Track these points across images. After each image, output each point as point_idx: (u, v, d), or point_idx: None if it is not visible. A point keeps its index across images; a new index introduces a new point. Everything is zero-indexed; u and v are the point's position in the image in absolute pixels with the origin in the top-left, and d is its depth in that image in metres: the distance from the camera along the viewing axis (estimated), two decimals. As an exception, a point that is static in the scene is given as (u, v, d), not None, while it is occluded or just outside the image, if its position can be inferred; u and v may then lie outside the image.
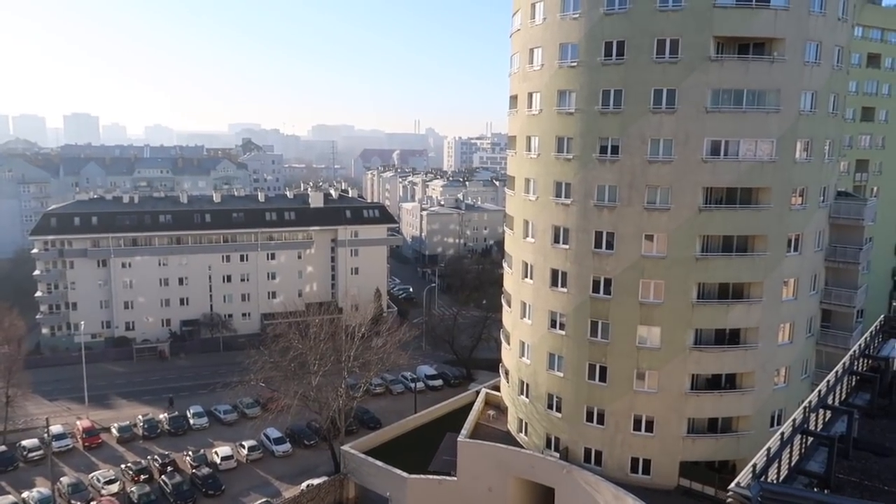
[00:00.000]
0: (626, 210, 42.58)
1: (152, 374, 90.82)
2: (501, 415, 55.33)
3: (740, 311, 43.02)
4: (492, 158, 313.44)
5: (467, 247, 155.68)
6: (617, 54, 41.68)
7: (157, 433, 71.40)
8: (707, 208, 41.61)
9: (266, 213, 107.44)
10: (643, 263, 42.61)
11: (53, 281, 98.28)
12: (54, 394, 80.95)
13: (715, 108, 40.61)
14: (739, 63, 40.66)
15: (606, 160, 42.80)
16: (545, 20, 44.97)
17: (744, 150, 41.20)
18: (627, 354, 43.75)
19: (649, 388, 43.67)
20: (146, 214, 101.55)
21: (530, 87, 47.12)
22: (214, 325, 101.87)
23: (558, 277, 45.95)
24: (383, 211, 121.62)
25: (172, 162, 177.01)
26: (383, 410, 74.37)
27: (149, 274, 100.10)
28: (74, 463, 64.90)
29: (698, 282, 42.45)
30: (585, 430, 45.79)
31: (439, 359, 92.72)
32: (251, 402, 75.01)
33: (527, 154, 48.02)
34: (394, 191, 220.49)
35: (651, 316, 42.96)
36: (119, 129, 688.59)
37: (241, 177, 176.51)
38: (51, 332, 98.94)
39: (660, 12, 40.34)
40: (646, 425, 44.20)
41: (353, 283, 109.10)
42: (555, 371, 46.93)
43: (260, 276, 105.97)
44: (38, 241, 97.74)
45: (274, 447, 66.83)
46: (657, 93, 41.02)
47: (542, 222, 46.70)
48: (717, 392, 43.98)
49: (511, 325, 51.91)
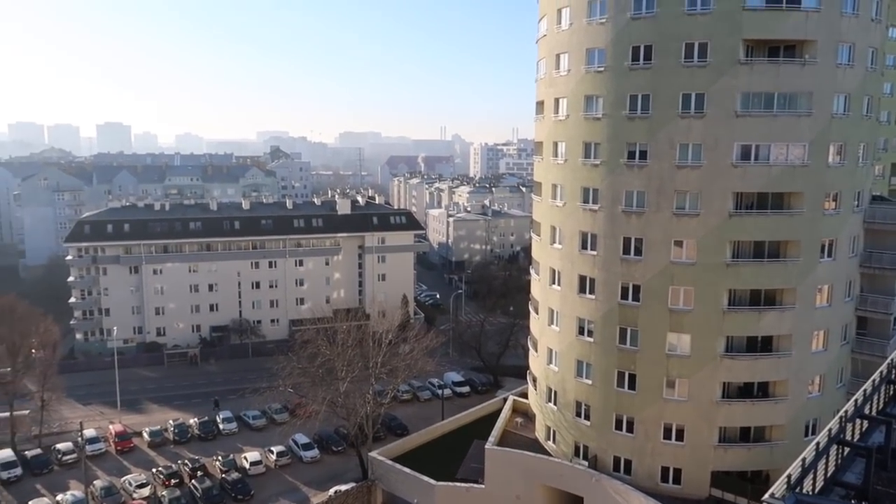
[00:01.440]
0: (655, 216, 42.15)
1: (183, 379, 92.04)
2: (529, 422, 55.02)
3: (772, 318, 42.26)
4: (518, 164, 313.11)
5: (494, 253, 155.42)
6: (644, 59, 41.37)
7: (188, 438, 72.30)
8: (737, 213, 41.01)
9: (294, 220, 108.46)
10: (672, 270, 42.11)
11: (87, 287, 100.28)
12: (88, 398, 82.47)
13: (745, 112, 40.05)
14: (770, 66, 40.07)
15: (634, 165, 42.46)
16: (571, 25, 44.82)
17: (775, 155, 40.56)
18: (657, 362, 43.21)
19: (679, 397, 43.07)
20: (177, 221, 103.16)
21: (557, 93, 46.96)
22: (243, 331, 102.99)
23: (586, 284, 45.63)
24: (410, 217, 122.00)
25: (202, 170, 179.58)
26: (411, 417, 74.41)
27: (179, 280, 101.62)
28: (107, 466, 65.98)
29: (729, 288, 41.81)
30: (614, 438, 45.30)
31: (466, 365, 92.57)
32: (280, 407, 75.62)
33: (554, 160, 47.83)
34: (420, 197, 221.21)
35: (681, 323, 42.42)
36: (150, 137, 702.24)
37: (270, 184, 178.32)
38: (84, 337, 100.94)
39: (688, 16, 39.96)
40: (676, 434, 43.59)
41: (380, 289, 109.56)
42: (583, 378, 46.55)
43: (288, 282, 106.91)
44: (72, 248, 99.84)
45: (302, 453, 67.24)
46: (685, 97, 40.60)
47: (570, 228, 46.44)
48: (750, 400, 43.21)
49: (538, 331, 51.63)
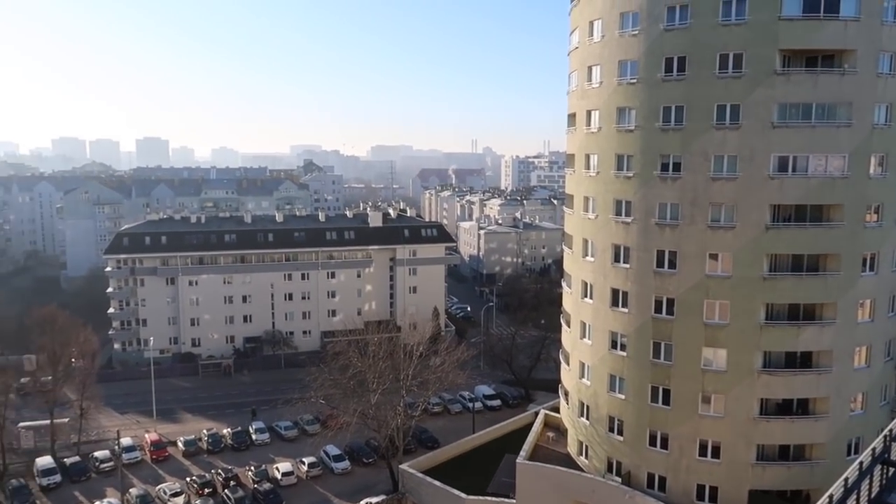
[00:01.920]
0: (689, 228, 41.57)
1: (216, 389, 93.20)
2: (561, 437, 54.44)
3: (812, 333, 41.24)
4: (549, 177, 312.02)
5: (525, 266, 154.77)
6: (678, 70, 41.00)
7: (221, 447, 73.07)
8: (775, 226, 40.23)
9: (326, 233, 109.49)
10: (707, 283, 41.43)
11: (125, 298, 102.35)
12: (124, 407, 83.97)
13: (782, 123, 39.37)
14: (808, 76, 39.38)
15: (668, 177, 41.99)
16: (603, 37, 44.67)
17: (813, 166, 39.75)
18: (692, 377, 42.46)
19: (715, 413, 42.21)
20: (212, 234, 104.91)
21: (589, 105, 46.77)
22: (276, 343, 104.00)
23: (619, 297, 45.12)
24: (441, 230, 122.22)
25: (237, 183, 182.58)
26: (441, 430, 74.18)
27: (214, 292, 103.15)
28: (142, 475, 66.99)
29: (766, 302, 40.95)
30: (648, 454, 44.54)
31: (497, 379, 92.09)
32: (311, 418, 76.04)
33: (586, 172, 47.56)
34: (451, 210, 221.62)
35: (716, 337, 41.65)
36: (187, 151, 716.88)
37: (303, 197, 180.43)
38: (122, 347, 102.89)
39: (722, 26, 39.54)
40: (712, 451, 42.68)
41: (411, 301, 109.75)
42: (616, 393, 45.94)
43: (320, 294, 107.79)
44: (111, 260, 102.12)
45: (333, 464, 67.44)
46: (720, 108, 40.08)
47: (602, 241, 46.05)
48: (789, 418, 42.14)
49: (570, 345, 51.17)
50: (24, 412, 75.52)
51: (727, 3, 39.35)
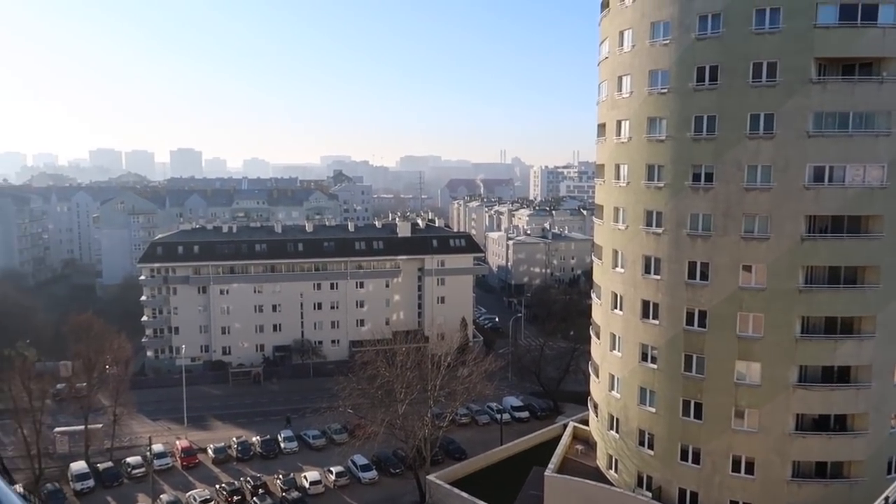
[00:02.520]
0: (722, 239, 40.95)
1: (246, 397, 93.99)
2: (590, 450, 53.77)
3: (850, 347, 40.23)
4: (579, 187, 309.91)
5: (554, 276, 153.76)
6: (710, 79, 40.55)
7: (250, 455, 73.55)
8: (810, 237, 39.43)
9: (355, 243, 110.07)
10: (741, 295, 40.70)
11: (158, 306, 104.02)
12: (156, 414, 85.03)
13: (818, 133, 38.66)
14: (844, 85, 38.66)
15: (700, 188, 41.45)
16: (634, 47, 44.38)
17: (850, 176, 38.91)
18: (724, 391, 41.67)
19: (749, 427, 41.35)
20: (243, 243, 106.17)
21: (619, 115, 46.44)
22: (305, 352, 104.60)
23: (649, 309, 44.56)
24: (469, 240, 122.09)
25: (268, 193, 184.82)
26: (469, 441, 73.76)
27: (245, 300, 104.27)
28: (173, 481, 67.70)
29: (802, 315, 40.10)
30: (679, 469, 43.76)
31: (526, 390, 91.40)
32: (339, 427, 76.22)
33: (616, 182, 47.17)
34: (480, 220, 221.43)
35: (750, 351, 40.85)
36: (220, 162, 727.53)
37: (332, 207, 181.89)
38: (155, 354, 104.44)
39: (756, 35, 39.02)
40: (746, 467, 41.79)
41: (439, 311, 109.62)
42: (646, 406, 45.27)
43: (349, 303, 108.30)
44: (145, 269, 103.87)
45: (360, 474, 67.43)
46: (754, 118, 39.52)
47: (632, 252, 45.56)
48: (826, 434, 41.10)
49: (600, 357, 50.61)
50: (60, 417, 77.03)
51: (761, 12, 38.88)
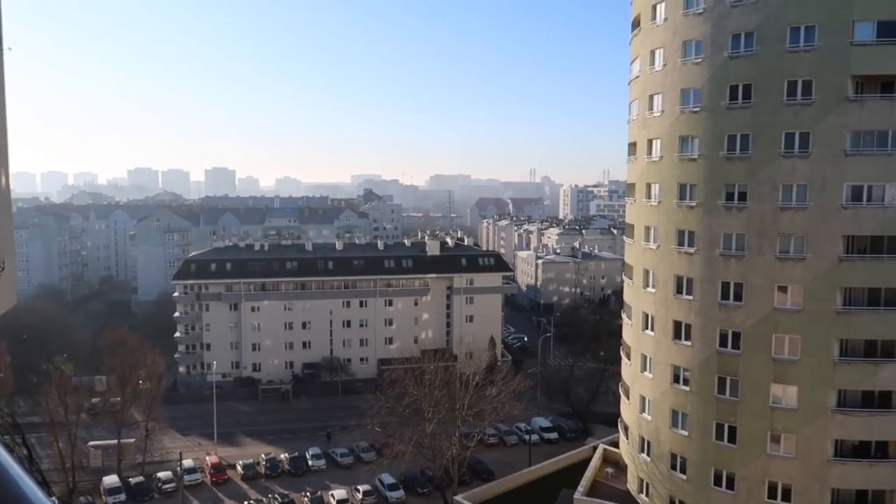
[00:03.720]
0: (756, 260, 40.23)
1: (275, 414, 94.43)
2: (620, 473, 52.82)
3: (891, 371, 38.99)
4: (609, 206, 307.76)
5: (584, 296, 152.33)
6: (743, 98, 40.12)
7: (278, 472, 73.69)
8: (848, 258, 38.53)
9: (385, 261, 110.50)
10: (776, 317, 39.85)
11: (191, 322, 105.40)
12: (187, 429, 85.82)
13: (855, 151, 37.92)
14: (883, 103, 37.90)
15: (733, 207, 40.86)
16: (665, 66, 44.17)
17: (890, 196, 38.00)
18: (760, 414, 40.69)
19: (785, 453, 40.25)
20: (274, 261, 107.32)
21: (650, 134, 46.15)
22: (334, 369, 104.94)
23: (681, 330, 43.85)
24: (498, 259, 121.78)
25: (299, 212, 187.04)
26: (497, 462, 72.98)
27: (275, 318, 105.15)
28: (202, 497, 68.14)
29: (840, 338, 39.07)
30: (713, 494, 42.71)
31: (554, 411, 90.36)
32: (367, 446, 76.06)
33: (647, 202, 46.75)
34: (509, 239, 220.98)
35: (786, 374, 39.89)
36: (252, 181, 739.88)
37: (362, 225, 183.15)
38: (187, 370, 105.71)
39: (790, 53, 38.57)
40: (782, 494, 40.61)
41: (467, 330, 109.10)
42: (678, 429, 44.39)
43: (378, 321, 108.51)
44: (178, 285, 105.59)
45: (388, 493, 67.08)
46: (788, 136, 38.94)
47: (664, 272, 44.98)
48: (867, 461, 39.78)
49: (630, 378, 49.87)
50: (94, 431, 78.18)
51: (795, 30, 38.45)
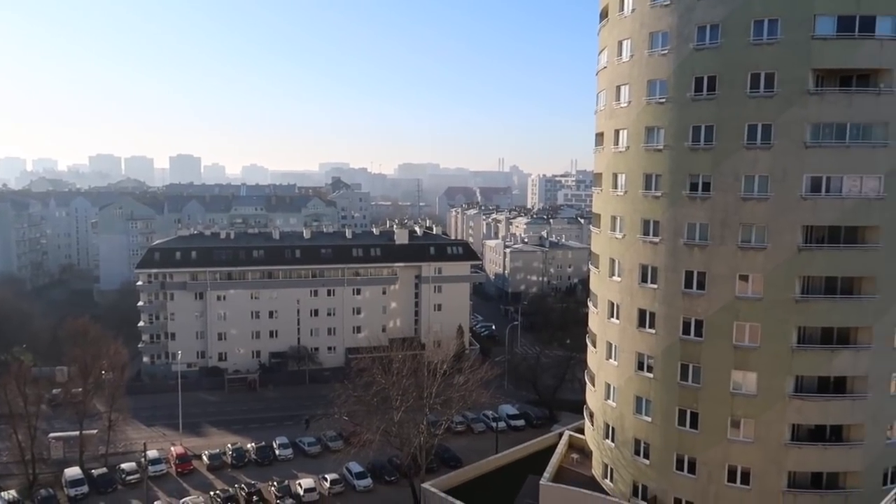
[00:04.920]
0: (719, 249, 41.01)
1: (241, 404, 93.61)
2: (585, 459, 53.64)
3: (846, 357, 40.25)
4: (576, 196, 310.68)
5: (551, 285, 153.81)
6: (708, 89, 40.72)
7: (245, 462, 73.14)
8: (807, 248, 39.51)
9: (353, 250, 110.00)
10: (737, 305, 40.74)
11: (155, 312, 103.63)
12: (152, 420, 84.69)
13: (815, 143, 38.81)
14: (842, 96, 38.83)
15: (697, 197, 41.55)
16: (632, 57, 44.58)
17: (848, 187, 39.04)
18: (721, 400, 41.64)
19: (745, 437, 41.31)
20: (241, 250, 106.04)
21: (617, 124, 46.60)
22: (301, 358, 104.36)
23: (646, 318, 44.57)
24: (467, 248, 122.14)
25: (266, 200, 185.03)
26: (464, 449, 73.55)
27: (241, 307, 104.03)
28: (167, 488, 67.34)
29: (798, 325, 40.12)
30: (675, 478, 43.65)
31: (521, 398, 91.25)
32: (334, 435, 75.93)
33: (613, 191, 47.27)
34: (477, 228, 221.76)
35: (746, 360, 40.85)
36: (218, 169, 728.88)
37: (330, 214, 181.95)
38: (151, 360, 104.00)
39: (754, 46, 39.23)
40: (742, 477, 41.70)
41: (435, 319, 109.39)
42: (642, 415, 45.20)
43: (345, 310, 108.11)
44: (142, 274, 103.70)
45: (355, 481, 67.15)
46: (751, 128, 39.67)
47: (629, 261, 45.60)
48: (822, 444, 41.04)
49: (596, 365, 50.57)
50: (55, 423, 76.61)
51: (759, 23, 39.09)
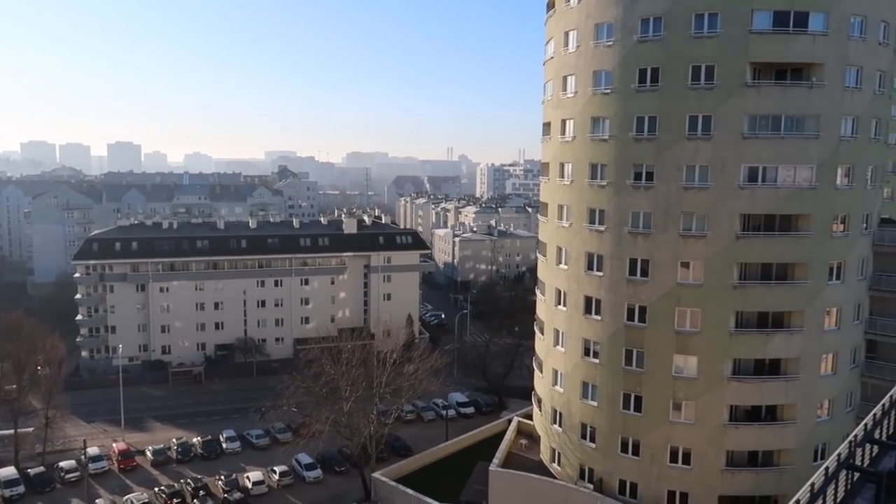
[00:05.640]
0: (662, 237, 42.05)
1: (187, 397, 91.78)
2: (534, 444, 54.51)
3: (780, 340, 41.93)
4: (524, 185, 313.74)
5: (500, 273, 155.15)
6: (651, 81, 41.56)
7: (191, 457, 71.90)
8: (745, 235, 40.89)
9: (300, 239, 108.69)
10: (679, 291, 41.91)
11: (94, 305, 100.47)
12: (92, 416, 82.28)
13: (752, 135, 40.10)
14: (777, 89, 40.19)
15: (641, 187, 42.47)
16: (578, 48, 45.12)
17: (782, 177, 40.52)
18: (663, 384, 42.86)
19: (686, 419, 42.64)
20: (184, 240, 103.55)
21: (564, 114, 47.15)
22: (248, 350, 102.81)
23: (592, 305, 45.44)
24: (416, 237, 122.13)
25: (210, 189, 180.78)
26: (414, 438, 73.87)
27: (185, 298, 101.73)
28: (110, 485, 65.62)
29: (736, 310, 41.57)
30: (620, 461, 44.81)
31: (471, 386, 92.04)
32: (283, 427, 75.18)
33: (560, 181, 47.89)
34: (426, 217, 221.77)
35: (687, 345, 42.12)
36: (160, 157, 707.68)
37: (277, 203, 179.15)
38: (90, 354, 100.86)
39: (695, 39, 40.19)
40: (683, 457, 43.08)
41: (385, 309, 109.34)
42: (588, 400, 46.17)
43: (293, 301, 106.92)
44: (80, 266, 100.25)
45: (305, 473, 66.72)
46: (692, 119, 40.70)
47: (576, 249, 46.36)
48: (758, 424, 42.75)
49: (544, 352, 51.35)
50: (-13, 421, 73.69)
51: (700, 16, 40.04)
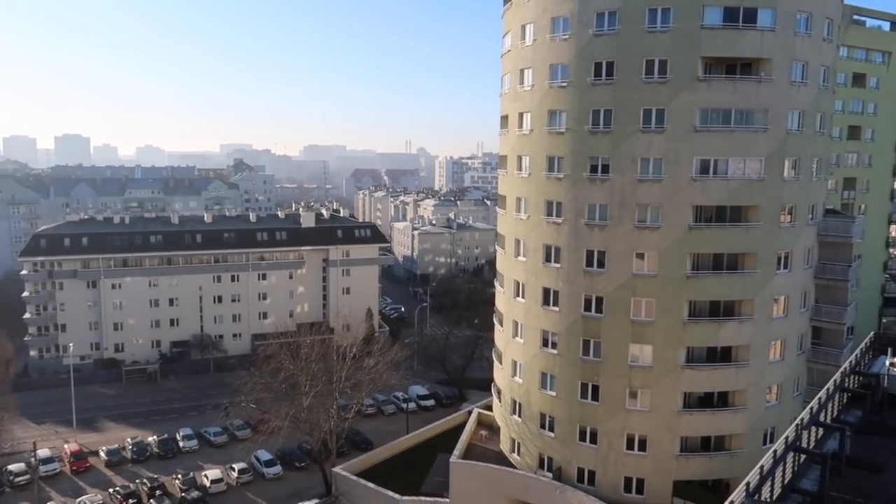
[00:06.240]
0: (617, 229, 42.71)
1: (141, 396, 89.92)
2: (494, 435, 54.97)
3: (731, 328, 43.08)
4: (483, 178, 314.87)
5: (459, 266, 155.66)
6: (607, 74, 42.07)
7: (146, 456, 70.54)
8: (697, 227, 41.80)
9: (257, 234, 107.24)
10: (634, 282, 42.67)
11: (42, 302, 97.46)
12: (42, 417, 79.97)
13: (704, 128, 40.96)
14: (727, 83, 41.12)
15: (597, 179, 43.03)
16: (535, 41, 45.40)
17: (733, 169, 41.52)
18: (620, 373, 43.65)
19: (642, 407, 43.52)
20: (137, 235, 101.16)
21: (521, 108, 47.44)
22: (205, 347, 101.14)
23: (550, 296, 45.93)
24: (375, 231, 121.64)
25: (163, 182, 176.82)
26: (375, 431, 73.81)
27: (139, 295, 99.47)
28: (62, 487, 63.98)
29: (689, 300, 42.52)
30: (578, 449, 45.52)
31: (431, 379, 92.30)
32: (241, 423, 74.28)
33: (518, 173, 48.22)
34: (385, 210, 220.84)
35: (643, 334, 42.95)
36: (110, 150, 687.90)
37: (233, 197, 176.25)
38: (39, 354, 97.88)
39: (648, 33, 40.84)
40: (639, 444, 43.98)
41: (344, 303, 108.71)
42: (547, 390, 46.74)
43: (251, 296, 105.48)
44: (27, 263, 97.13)
45: (264, 469, 66.10)
46: (646, 112, 41.36)
47: (534, 241, 46.78)
48: (710, 410, 43.84)
49: (503, 344, 51.76)
50: (-71, 424, 70.88)
51: (653, 11, 40.64)
